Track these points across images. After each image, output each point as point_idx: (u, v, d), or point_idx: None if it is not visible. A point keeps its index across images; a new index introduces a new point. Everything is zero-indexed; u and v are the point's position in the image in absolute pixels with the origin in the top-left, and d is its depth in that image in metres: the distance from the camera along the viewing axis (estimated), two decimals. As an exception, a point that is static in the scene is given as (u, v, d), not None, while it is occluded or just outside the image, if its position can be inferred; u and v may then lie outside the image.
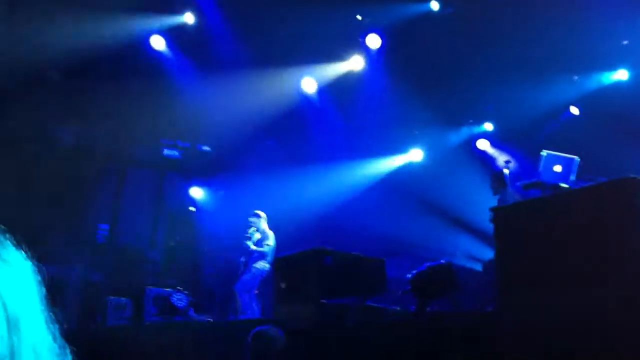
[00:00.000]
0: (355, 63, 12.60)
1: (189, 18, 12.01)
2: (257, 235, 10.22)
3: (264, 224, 10.32)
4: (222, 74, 12.16)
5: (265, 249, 10.02)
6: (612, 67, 10.74)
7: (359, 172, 13.12)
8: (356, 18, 11.76)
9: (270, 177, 12.95)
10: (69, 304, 10.21)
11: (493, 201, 8.09)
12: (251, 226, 10.24)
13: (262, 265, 9.99)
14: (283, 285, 6.67)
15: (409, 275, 6.26)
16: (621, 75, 10.72)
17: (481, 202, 8.50)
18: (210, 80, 12.30)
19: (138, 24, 11.44)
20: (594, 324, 3.84)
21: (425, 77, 11.74)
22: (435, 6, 11.17)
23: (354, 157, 13.06)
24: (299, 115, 13.17)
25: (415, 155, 13.23)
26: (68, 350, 1.48)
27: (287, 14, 11.23)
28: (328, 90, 12.95)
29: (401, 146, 13.26)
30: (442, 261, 6.17)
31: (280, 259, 7.23)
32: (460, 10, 10.79)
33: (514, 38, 10.18)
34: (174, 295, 9.23)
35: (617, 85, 10.74)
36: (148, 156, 13.71)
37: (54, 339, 1.38)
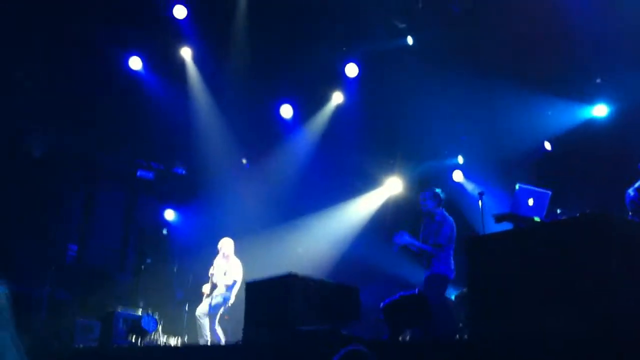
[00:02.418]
0: (337, 98, 12.74)
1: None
2: (225, 263, 10.16)
3: (231, 252, 10.28)
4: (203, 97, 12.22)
5: (230, 281, 9.96)
6: (588, 103, 10.91)
7: (338, 211, 13.11)
8: (336, 51, 11.88)
9: (244, 200, 12.93)
10: (35, 324, 10.00)
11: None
12: (218, 252, 10.21)
13: (227, 294, 9.91)
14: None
15: (382, 304, 6.28)
16: (599, 111, 10.88)
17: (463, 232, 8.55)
18: (188, 102, 12.32)
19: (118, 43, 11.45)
20: (566, 354, 3.88)
21: (400, 108, 11.87)
22: (410, 40, 11.32)
23: (330, 190, 13.07)
24: (274, 140, 13.21)
25: (394, 186, 13.18)
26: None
27: (270, 44, 11.36)
28: (305, 117, 13.04)
29: (378, 176, 13.28)
30: (415, 291, 6.19)
31: (252, 283, 7.16)
32: (436, 43, 10.95)
33: (491, 72, 10.36)
34: (144, 319, 9.12)
35: (591, 122, 10.94)
36: (120, 176, 13.60)
37: (19, 354, 1.37)
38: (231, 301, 9.92)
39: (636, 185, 6.87)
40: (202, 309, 9.85)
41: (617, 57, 9.71)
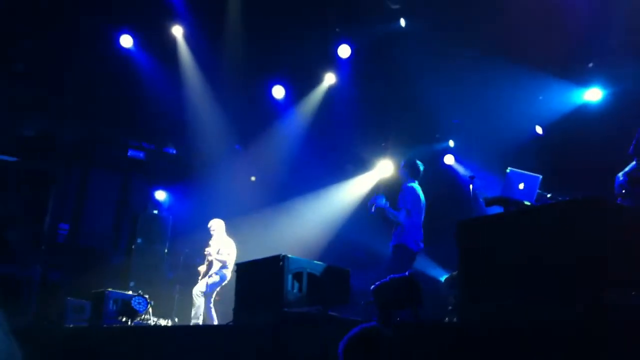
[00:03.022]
0: (329, 79, 12.68)
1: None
2: (217, 243, 10.24)
3: (222, 232, 10.36)
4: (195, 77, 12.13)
5: (225, 257, 10.05)
6: (580, 87, 10.87)
7: (332, 194, 13.08)
8: (329, 32, 11.79)
9: (235, 182, 12.91)
10: (26, 304, 10.00)
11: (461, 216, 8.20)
12: (212, 233, 10.29)
13: (222, 272, 10.02)
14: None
15: (373, 287, 6.28)
16: (593, 95, 10.82)
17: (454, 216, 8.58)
18: (180, 82, 12.24)
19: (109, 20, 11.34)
20: (555, 339, 3.90)
21: (393, 91, 11.84)
22: (403, 23, 11.25)
23: (322, 172, 13.03)
24: (265, 121, 13.16)
25: (385, 169, 13.12)
26: (17, 347, 1.46)
27: (263, 25, 11.26)
28: (298, 98, 12.99)
29: (369, 159, 13.24)
30: (406, 273, 6.20)
31: (241, 264, 7.17)
32: (427, 26, 10.89)
33: (484, 56, 10.32)
34: (134, 299, 9.13)
35: (584, 107, 10.91)
36: (112, 156, 13.55)
37: (7, 335, 1.36)
38: (227, 279, 9.99)
39: (626, 169, 6.89)
40: (199, 287, 9.96)
41: (610, 42, 9.69)
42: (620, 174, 6.88)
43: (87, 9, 10.75)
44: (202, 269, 10.31)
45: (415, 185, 8.41)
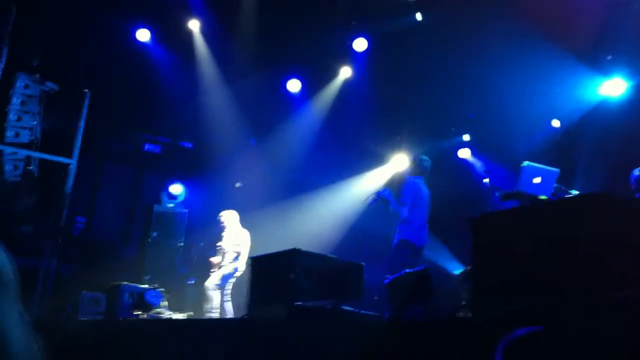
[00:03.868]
0: (345, 73, 12.64)
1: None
2: (230, 234, 10.26)
3: (235, 223, 10.37)
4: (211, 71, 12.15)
5: (238, 248, 10.06)
6: (599, 80, 10.70)
7: (346, 188, 13.04)
8: (345, 25, 11.74)
9: (250, 177, 12.92)
10: (41, 297, 10.08)
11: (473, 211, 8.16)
12: (225, 225, 10.30)
13: (236, 264, 10.03)
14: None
15: (386, 281, 6.27)
16: (612, 88, 10.61)
17: (469, 210, 8.55)
18: (196, 76, 12.26)
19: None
20: (569, 335, 3.86)
21: (408, 85, 11.78)
22: (419, 17, 11.17)
23: (336, 165, 13.01)
24: (281, 114, 13.16)
25: (400, 163, 13.05)
26: (36, 341, 1.45)
27: (279, 18, 11.24)
28: (313, 92, 12.96)
29: (384, 153, 13.19)
30: (420, 268, 6.17)
31: (256, 258, 7.17)
32: (445, 20, 10.81)
33: (499, 49, 10.23)
34: (149, 292, 9.17)
35: (602, 100, 10.77)
36: (128, 149, 13.60)
37: (25, 328, 1.35)
38: (240, 271, 10.00)
39: (643, 164, 6.82)
40: (212, 280, 9.97)
41: (629, 35, 9.56)
42: (636, 170, 6.81)
43: (104, 3, 10.80)
44: (214, 260, 10.30)
45: (419, 180, 8.39)
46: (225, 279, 9.97)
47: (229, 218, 10.39)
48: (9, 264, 1.44)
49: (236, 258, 10.09)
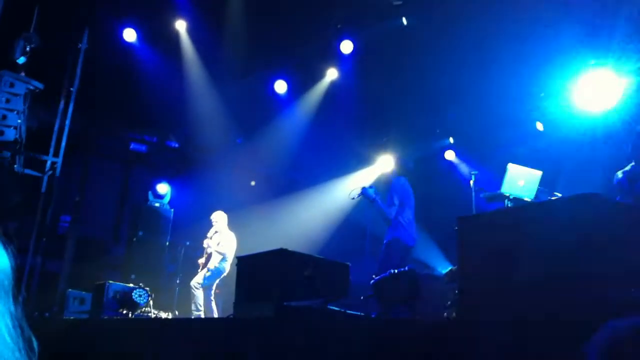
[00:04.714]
0: (331, 75, 12.69)
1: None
2: (218, 235, 10.28)
3: (224, 224, 10.40)
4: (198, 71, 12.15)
5: (225, 249, 10.09)
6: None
7: (332, 188, 13.06)
8: (331, 27, 11.79)
9: (237, 176, 12.94)
10: (26, 295, 10.03)
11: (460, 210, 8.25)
12: (212, 226, 10.34)
13: (221, 265, 10.06)
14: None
15: (372, 281, 6.32)
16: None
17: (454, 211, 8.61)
18: (183, 76, 12.26)
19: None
20: (553, 334, 3.93)
21: (394, 87, 11.85)
22: (404, 21, 11.25)
23: (322, 166, 13.04)
24: (268, 115, 13.18)
25: (385, 164, 13.06)
26: (31, 338, 1.48)
27: (265, 20, 11.27)
28: (300, 93, 13.00)
29: (370, 154, 13.23)
30: (406, 268, 6.24)
31: (242, 258, 7.21)
32: (431, 23, 10.89)
33: (484, 52, 10.32)
34: (135, 291, 9.17)
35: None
36: (114, 148, 13.57)
37: (17, 325, 1.38)
38: (226, 272, 10.05)
39: (626, 168, 6.92)
40: (197, 279, 10.02)
41: (611, 38, 9.68)
42: (619, 172, 6.91)
43: (90, 3, 10.77)
44: (201, 261, 10.37)
45: (403, 180, 8.47)
46: (209, 279, 10.00)
47: (219, 219, 10.43)
48: (8, 262, 1.48)
49: (223, 259, 10.13)
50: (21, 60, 10.38)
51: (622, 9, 9.24)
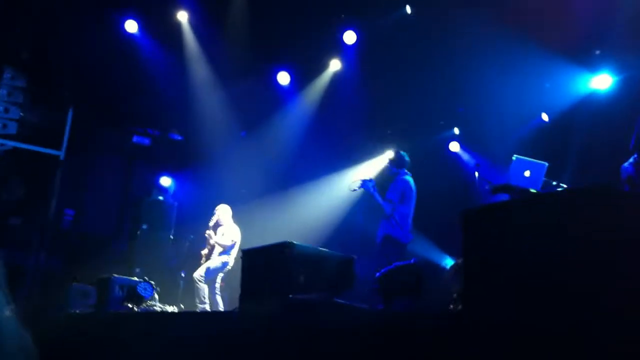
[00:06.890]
0: (334, 66, 12.63)
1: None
2: (222, 228, 10.25)
3: (229, 217, 10.37)
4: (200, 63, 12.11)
5: (229, 242, 10.06)
6: (587, 75, 10.75)
7: (337, 181, 13.01)
8: (334, 18, 11.72)
9: (241, 169, 12.90)
10: (31, 289, 10.05)
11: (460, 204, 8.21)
12: (216, 219, 10.30)
13: (225, 258, 10.02)
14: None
15: (378, 274, 6.31)
16: (601, 82, 10.67)
17: (459, 203, 8.58)
18: (185, 68, 12.21)
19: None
20: (560, 332, 3.90)
21: (398, 78, 11.79)
22: (408, 9, 11.17)
23: (327, 158, 13.00)
24: (270, 107, 13.13)
25: (390, 156, 13.00)
26: (26, 333, 1.46)
27: (268, 11, 11.21)
28: (303, 85, 12.95)
29: (374, 146, 13.18)
30: (411, 261, 6.22)
31: (248, 251, 7.19)
32: (435, 13, 10.81)
33: (489, 44, 10.25)
34: (140, 285, 9.17)
35: (591, 94, 10.81)
36: (117, 141, 13.54)
37: (10, 319, 1.36)
38: (230, 265, 10.01)
39: (631, 160, 6.87)
40: (199, 271, 9.97)
41: (617, 29, 9.60)
42: (626, 164, 6.87)
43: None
44: (204, 252, 10.31)
45: (408, 177, 8.44)
46: (212, 272, 9.95)
47: (223, 212, 10.38)
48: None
49: (225, 252, 10.09)
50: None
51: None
